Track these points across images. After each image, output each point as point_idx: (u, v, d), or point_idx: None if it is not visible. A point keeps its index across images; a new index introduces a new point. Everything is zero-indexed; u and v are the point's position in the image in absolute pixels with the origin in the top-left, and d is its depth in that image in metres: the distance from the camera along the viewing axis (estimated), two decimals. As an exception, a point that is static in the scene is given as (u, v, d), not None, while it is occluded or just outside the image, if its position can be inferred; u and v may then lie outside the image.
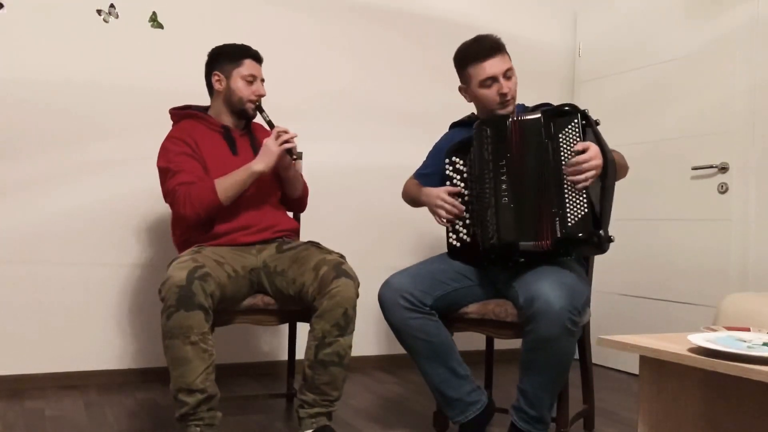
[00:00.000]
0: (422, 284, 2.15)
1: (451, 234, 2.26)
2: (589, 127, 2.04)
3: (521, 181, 2.10)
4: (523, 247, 2.08)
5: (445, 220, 2.23)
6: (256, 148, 2.37)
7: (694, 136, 3.20)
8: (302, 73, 3.29)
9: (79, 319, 2.92)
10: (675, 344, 1.53)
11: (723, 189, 3.05)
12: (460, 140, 2.27)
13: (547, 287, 1.94)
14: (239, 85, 2.38)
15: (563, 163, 2.03)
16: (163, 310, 2.00)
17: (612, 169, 2.04)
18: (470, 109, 2.42)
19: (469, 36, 2.35)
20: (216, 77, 2.40)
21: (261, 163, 2.24)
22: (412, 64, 3.57)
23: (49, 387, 2.85)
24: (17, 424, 2.37)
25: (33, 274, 2.85)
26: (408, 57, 3.56)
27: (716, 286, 3.02)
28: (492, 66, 2.21)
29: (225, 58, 2.41)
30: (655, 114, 3.40)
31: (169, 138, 2.36)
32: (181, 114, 2.45)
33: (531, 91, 2.40)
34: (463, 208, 2.21)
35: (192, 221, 2.26)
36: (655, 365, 1.63)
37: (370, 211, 3.47)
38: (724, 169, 3.06)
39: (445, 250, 2.30)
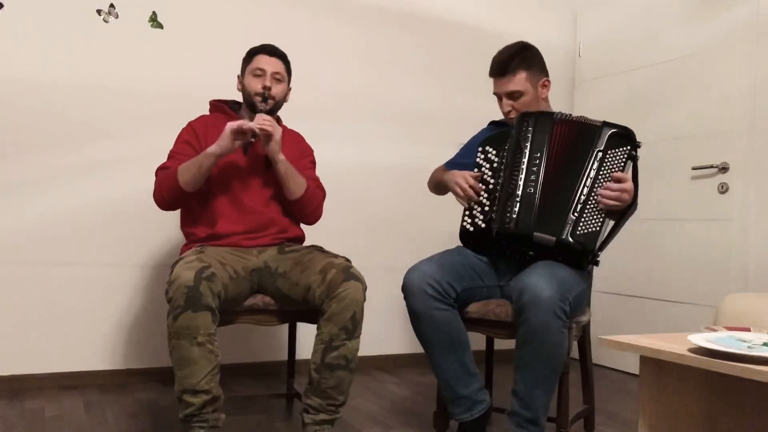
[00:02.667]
0: (448, 275, 2.15)
1: (466, 218, 2.28)
2: (633, 161, 2.13)
3: (553, 178, 2.15)
4: (537, 238, 2.12)
5: (465, 200, 2.26)
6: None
7: (694, 136, 3.20)
8: (306, 74, 3.28)
9: (79, 319, 2.92)
10: (675, 344, 1.53)
11: (723, 189, 3.05)
12: (498, 132, 2.33)
13: (535, 278, 1.97)
14: (249, 80, 2.39)
15: (600, 178, 2.10)
16: (170, 310, 1.99)
17: (631, 210, 2.15)
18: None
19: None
20: (238, 80, 2.46)
21: (215, 145, 2.22)
22: (418, 65, 3.57)
23: (49, 387, 2.85)
24: (17, 424, 2.37)
25: (33, 274, 2.85)
26: (413, 58, 3.56)
27: (716, 286, 3.02)
28: (496, 85, 2.36)
29: (244, 60, 2.45)
30: (654, 114, 3.40)
31: (187, 125, 2.42)
32: (215, 105, 2.50)
33: (531, 91, 2.42)
34: (482, 191, 2.24)
35: (159, 205, 2.30)
36: (655, 365, 1.63)
37: (373, 212, 3.46)
38: (724, 169, 3.06)
39: (455, 245, 2.31)
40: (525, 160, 2.18)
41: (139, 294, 3.03)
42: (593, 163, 2.12)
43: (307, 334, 3.07)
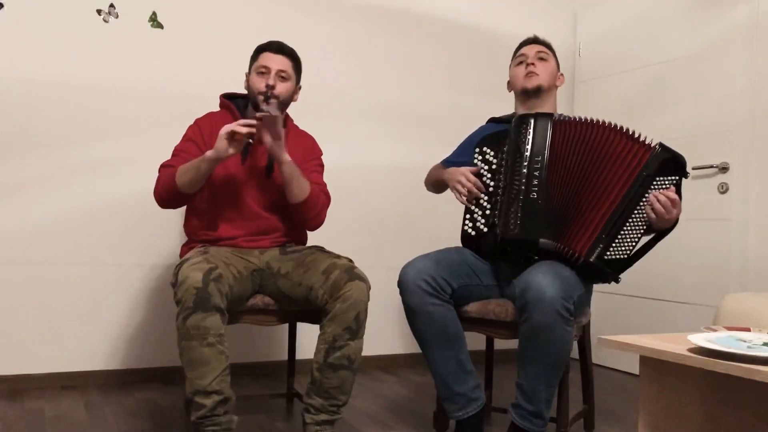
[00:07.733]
0: (444, 271, 2.15)
1: (467, 222, 2.27)
2: (679, 188, 2.09)
3: (557, 182, 2.12)
4: (543, 245, 2.11)
5: (464, 198, 2.25)
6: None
7: (694, 136, 3.20)
8: (305, 73, 3.28)
9: (79, 319, 2.92)
10: (675, 344, 1.53)
11: (723, 189, 3.05)
12: (494, 132, 2.30)
13: (540, 277, 1.97)
14: (253, 78, 2.34)
15: (642, 204, 2.06)
16: (180, 312, 1.97)
17: (664, 235, 2.14)
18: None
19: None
20: (246, 78, 2.41)
21: (213, 149, 2.13)
22: (417, 64, 3.57)
23: (49, 387, 2.85)
24: (17, 424, 2.37)
25: (33, 274, 2.85)
26: (412, 57, 3.56)
27: (716, 286, 3.02)
28: (527, 49, 2.43)
29: (251, 57, 2.41)
30: (655, 114, 3.40)
31: (194, 122, 2.40)
32: (223, 102, 2.45)
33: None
34: (483, 189, 2.23)
35: (157, 203, 2.27)
36: (655, 365, 1.63)
37: (373, 211, 3.47)
38: (724, 169, 3.06)
39: (455, 245, 2.31)
40: (525, 164, 2.15)
41: (139, 294, 3.03)
42: (638, 186, 2.05)
43: (307, 334, 3.07)
